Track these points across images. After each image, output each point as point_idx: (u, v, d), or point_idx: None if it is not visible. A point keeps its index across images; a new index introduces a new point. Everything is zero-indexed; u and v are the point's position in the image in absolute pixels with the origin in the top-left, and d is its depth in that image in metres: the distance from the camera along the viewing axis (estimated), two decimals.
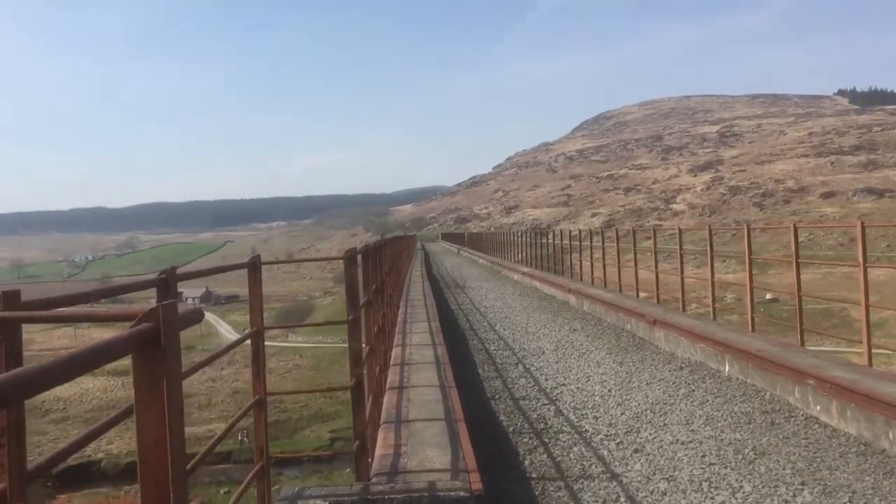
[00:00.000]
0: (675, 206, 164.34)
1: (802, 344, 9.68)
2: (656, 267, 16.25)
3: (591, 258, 22.98)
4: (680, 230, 15.79)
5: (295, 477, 46.41)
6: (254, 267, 4.48)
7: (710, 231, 13.75)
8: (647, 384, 9.78)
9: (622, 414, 8.28)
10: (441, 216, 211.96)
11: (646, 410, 8.39)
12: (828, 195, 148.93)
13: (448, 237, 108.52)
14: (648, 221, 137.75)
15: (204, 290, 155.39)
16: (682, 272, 14.22)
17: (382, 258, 9.34)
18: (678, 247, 14.98)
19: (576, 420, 8.10)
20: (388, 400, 7.24)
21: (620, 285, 18.17)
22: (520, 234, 40.03)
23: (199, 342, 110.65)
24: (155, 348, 1.59)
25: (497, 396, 9.44)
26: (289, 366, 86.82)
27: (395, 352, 10.14)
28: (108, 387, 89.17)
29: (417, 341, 11.12)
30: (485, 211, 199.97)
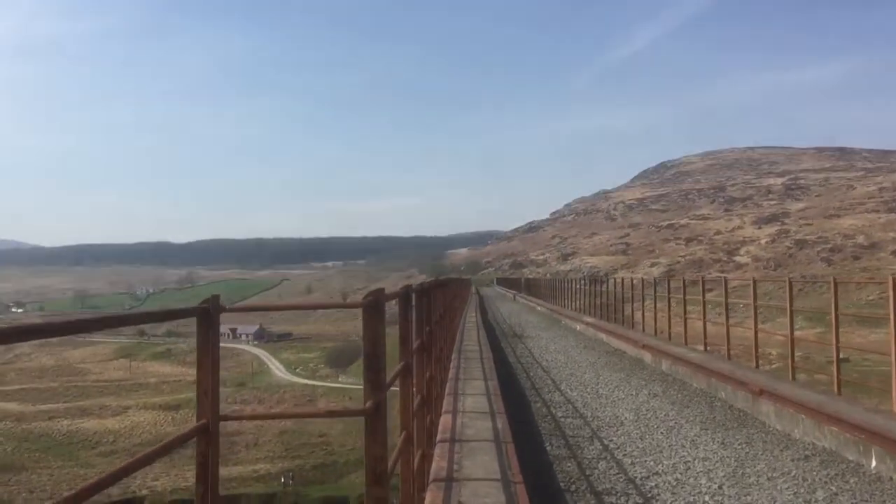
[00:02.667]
0: (738, 259, 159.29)
1: None
2: (727, 321, 14.00)
3: (655, 308, 20.80)
4: (754, 280, 13.55)
5: None
6: (206, 315, 2.60)
7: (790, 284, 11.51)
8: (767, 479, 7.55)
9: None
10: (496, 261, 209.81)
11: None
12: None
13: (503, 282, 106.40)
14: (710, 273, 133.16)
15: (258, 326, 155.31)
16: (755, 326, 11.92)
17: (432, 304, 7.40)
18: (752, 299, 12.75)
19: None
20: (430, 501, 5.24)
21: (706, 343, 15.84)
22: (577, 281, 37.85)
23: (250, 379, 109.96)
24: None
25: (573, 488, 7.34)
26: (338, 407, 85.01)
27: (444, 421, 8.14)
28: (159, 420, 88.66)
29: (471, 406, 9.10)
30: (541, 257, 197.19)
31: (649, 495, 7.04)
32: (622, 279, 26.74)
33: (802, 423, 9.13)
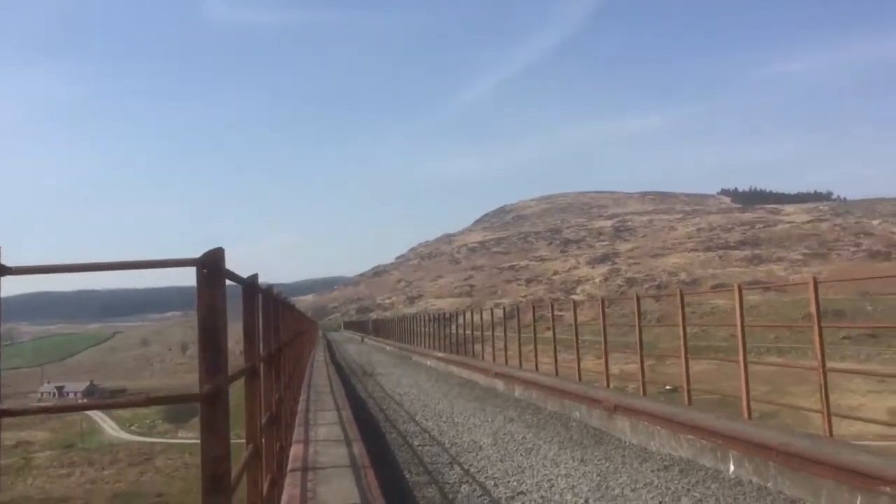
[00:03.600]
0: (575, 297, 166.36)
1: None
2: (578, 352, 14.18)
3: (506, 343, 21.07)
4: (603, 301, 13.79)
5: None
6: None
7: (638, 305, 11.83)
8: (631, 490, 7.40)
9: None
10: (343, 306, 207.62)
11: None
12: (717, 287, 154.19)
13: (351, 325, 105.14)
14: (548, 313, 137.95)
15: (88, 383, 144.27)
16: (605, 349, 12.13)
17: (279, 316, 6.80)
18: (598, 334, 13.01)
19: None
20: None
21: (557, 368, 15.93)
22: (426, 321, 37.84)
23: (79, 440, 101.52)
24: None
25: None
26: (177, 464, 79.77)
27: (295, 451, 7.45)
28: None
29: (325, 435, 8.44)
30: (388, 300, 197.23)
31: None
32: (471, 315, 26.84)
33: (658, 435, 9.15)
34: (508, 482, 8.04)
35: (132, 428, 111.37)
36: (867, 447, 7.15)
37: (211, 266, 2.57)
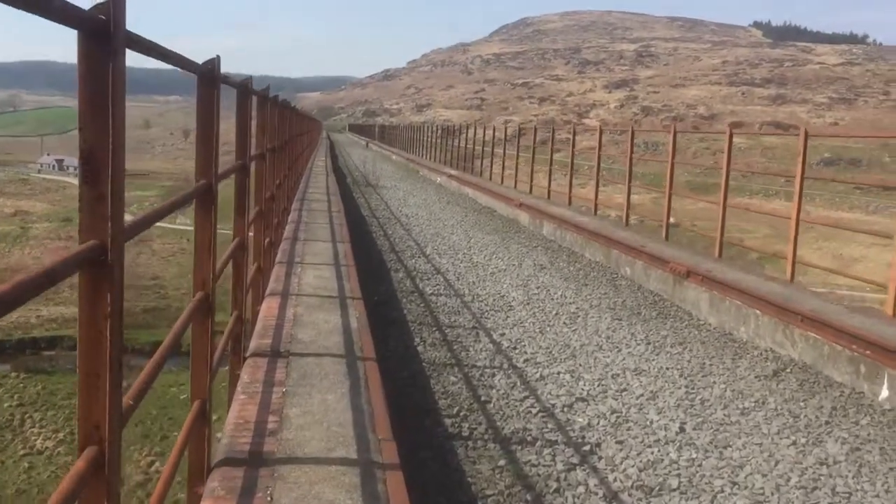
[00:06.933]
0: (587, 121, 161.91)
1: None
2: (598, 181, 11.73)
3: (517, 164, 18.77)
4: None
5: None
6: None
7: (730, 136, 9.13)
8: (740, 413, 5.19)
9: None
10: (350, 107, 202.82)
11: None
12: (736, 125, 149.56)
13: (356, 129, 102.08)
14: (560, 134, 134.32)
15: (63, 158, 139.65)
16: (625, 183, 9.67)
17: (275, 119, 4.35)
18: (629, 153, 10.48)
19: None
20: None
21: (596, 205, 13.52)
22: (433, 131, 35.12)
23: (77, 214, 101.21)
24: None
25: (465, 430, 4.67)
26: (174, 249, 79.61)
27: (267, 311, 5.19)
28: None
29: (313, 284, 6.15)
30: (396, 106, 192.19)
31: (586, 448, 4.48)
32: (482, 131, 24.22)
33: (755, 321, 6.89)
34: (559, 374, 5.85)
35: (132, 209, 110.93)
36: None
37: (207, 74, 2.65)
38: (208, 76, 2.83)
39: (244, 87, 4.17)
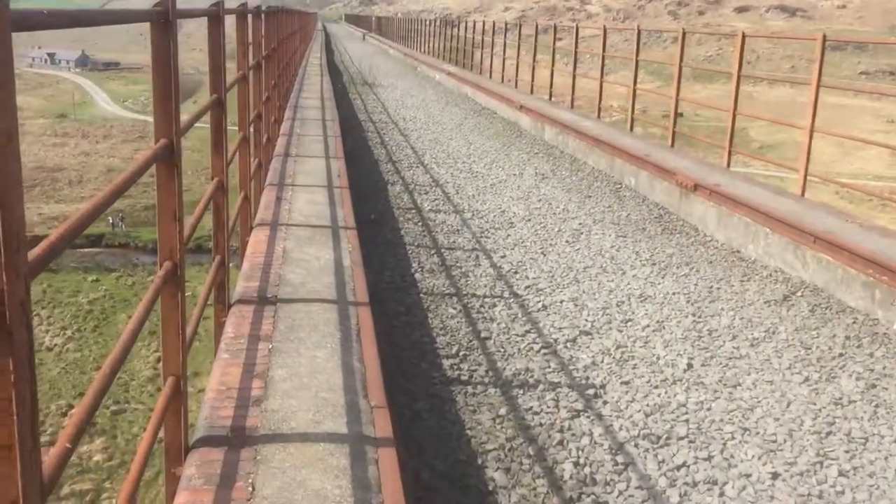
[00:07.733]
0: (589, 8, 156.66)
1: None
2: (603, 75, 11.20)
3: (518, 59, 18.07)
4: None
5: None
6: None
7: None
8: (750, 344, 5.00)
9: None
10: None
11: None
12: (741, 10, 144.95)
13: (352, 19, 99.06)
14: (562, 21, 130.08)
15: (80, 53, 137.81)
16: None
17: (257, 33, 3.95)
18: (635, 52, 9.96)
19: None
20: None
21: (599, 108, 13.03)
22: (429, 22, 33.84)
23: (73, 111, 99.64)
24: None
25: (464, 372, 4.48)
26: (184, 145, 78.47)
27: (255, 246, 4.93)
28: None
29: (304, 212, 5.86)
30: None
31: (590, 392, 4.30)
32: (482, 23, 23.19)
33: (764, 239, 6.63)
34: (562, 303, 5.64)
35: (126, 104, 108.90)
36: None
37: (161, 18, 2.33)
38: (162, 20, 2.45)
39: (213, 17, 3.75)
